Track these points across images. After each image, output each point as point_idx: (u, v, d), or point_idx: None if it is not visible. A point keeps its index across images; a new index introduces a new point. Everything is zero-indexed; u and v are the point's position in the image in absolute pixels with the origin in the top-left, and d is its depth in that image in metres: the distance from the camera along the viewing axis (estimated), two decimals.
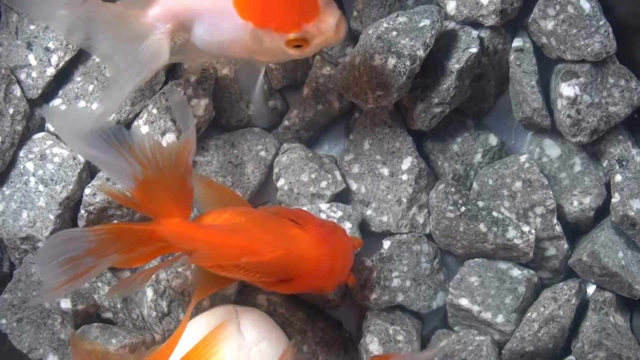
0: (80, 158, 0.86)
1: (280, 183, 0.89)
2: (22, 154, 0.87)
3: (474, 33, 0.87)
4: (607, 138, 0.88)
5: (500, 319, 0.86)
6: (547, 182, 0.87)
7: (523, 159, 0.89)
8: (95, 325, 0.84)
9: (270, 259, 0.72)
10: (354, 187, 0.90)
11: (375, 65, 0.83)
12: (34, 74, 0.87)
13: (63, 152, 0.86)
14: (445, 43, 0.86)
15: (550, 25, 0.86)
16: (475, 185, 0.90)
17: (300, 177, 0.88)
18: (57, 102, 0.88)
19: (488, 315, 0.86)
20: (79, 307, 0.84)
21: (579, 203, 0.89)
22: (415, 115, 0.87)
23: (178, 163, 0.68)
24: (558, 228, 0.88)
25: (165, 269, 0.84)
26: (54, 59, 0.87)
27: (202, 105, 0.87)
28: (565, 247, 0.88)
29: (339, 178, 0.89)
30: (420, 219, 0.89)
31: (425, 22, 0.83)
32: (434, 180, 0.91)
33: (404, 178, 0.88)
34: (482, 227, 0.85)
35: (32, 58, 0.87)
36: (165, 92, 0.85)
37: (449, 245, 0.89)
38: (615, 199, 0.87)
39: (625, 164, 0.88)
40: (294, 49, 0.73)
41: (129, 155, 0.66)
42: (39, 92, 0.87)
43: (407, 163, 0.88)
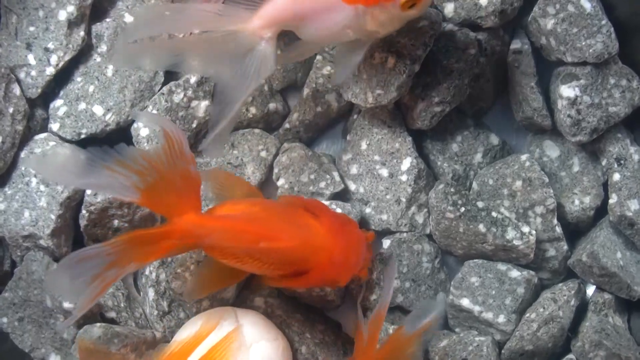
0: (82, 158, 0.86)
1: (281, 182, 0.89)
2: (23, 155, 0.87)
3: (472, 35, 0.86)
4: (605, 136, 0.88)
5: (502, 319, 0.86)
6: (547, 180, 0.87)
7: (524, 158, 0.88)
8: (98, 325, 0.83)
9: (287, 247, 0.72)
10: (353, 187, 0.90)
11: (375, 64, 0.83)
12: (34, 73, 0.87)
13: (65, 152, 0.86)
14: (444, 43, 0.86)
15: (550, 24, 0.85)
16: (475, 185, 0.90)
17: (300, 177, 0.88)
18: (58, 102, 0.88)
19: (489, 316, 0.86)
20: None
21: (580, 202, 0.89)
22: (416, 114, 0.87)
23: (173, 158, 0.68)
24: (558, 229, 0.88)
25: (165, 270, 0.85)
26: (54, 59, 0.87)
27: (202, 107, 0.87)
28: (565, 247, 0.88)
29: (337, 179, 0.89)
30: (420, 219, 0.89)
31: (424, 22, 0.83)
32: (434, 181, 0.91)
33: (403, 178, 0.88)
34: (481, 227, 0.85)
35: (31, 58, 0.87)
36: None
37: (449, 246, 0.89)
38: (613, 200, 0.87)
39: (624, 163, 0.88)
40: (411, 9, 0.73)
41: (123, 170, 0.65)
42: (39, 91, 0.87)
43: (406, 164, 0.88)
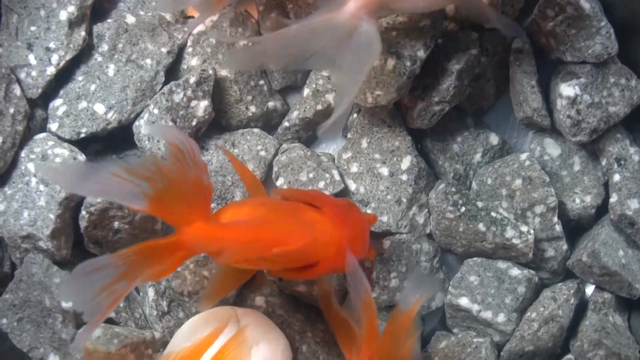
0: (81, 159, 0.86)
1: (280, 182, 0.89)
2: (23, 154, 0.87)
3: (474, 35, 0.87)
4: (605, 136, 0.89)
5: (502, 318, 0.86)
6: (548, 179, 0.88)
7: (524, 157, 0.89)
8: None
9: (298, 248, 0.72)
10: (353, 187, 0.90)
11: (375, 66, 0.83)
12: (34, 73, 0.87)
13: (64, 152, 0.86)
14: (445, 44, 0.87)
15: (550, 26, 0.86)
16: (474, 185, 0.90)
17: (299, 176, 0.88)
18: (58, 102, 0.88)
19: (488, 315, 0.86)
20: None
21: (581, 200, 0.89)
22: (415, 114, 0.87)
23: (185, 166, 0.67)
24: (558, 228, 0.88)
25: None
26: (54, 58, 0.87)
27: (201, 107, 0.87)
28: (564, 247, 0.88)
29: (337, 178, 0.89)
30: (421, 219, 0.90)
31: (425, 22, 0.83)
32: (434, 180, 0.91)
33: (404, 178, 0.88)
34: (481, 226, 0.85)
35: (32, 58, 0.87)
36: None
37: (449, 245, 0.89)
38: (613, 199, 0.87)
39: (624, 163, 0.88)
40: None
41: (131, 177, 0.64)
42: (39, 91, 0.87)
43: (406, 162, 0.88)
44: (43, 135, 0.88)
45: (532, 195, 0.88)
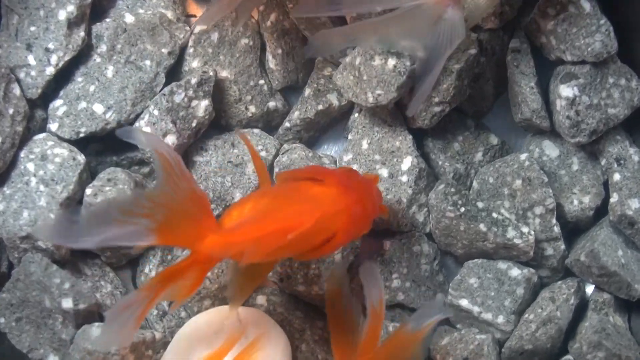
0: (81, 159, 0.86)
1: None
2: (23, 155, 0.87)
3: (473, 35, 0.87)
4: (605, 137, 0.89)
5: (501, 319, 0.86)
6: (547, 179, 0.88)
7: (523, 157, 0.89)
8: (97, 325, 0.83)
9: (311, 226, 0.71)
10: None
11: (375, 66, 0.84)
12: (33, 73, 0.87)
13: (64, 152, 0.86)
14: None
15: (550, 25, 0.86)
16: (476, 184, 0.90)
17: None
18: (57, 102, 0.88)
19: (489, 316, 0.86)
20: (81, 306, 0.84)
21: (579, 202, 0.89)
22: (416, 114, 0.87)
23: (175, 183, 0.66)
24: (556, 229, 0.88)
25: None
26: (54, 59, 0.87)
27: (202, 107, 0.87)
28: (562, 247, 0.89)
29: None
30: (420, 218, 0.89)
31: None
32: (434, 181, 0.91)
33: (404, 179, 0.88)
34: (482, 227, 0.85)
35: (31, 58, 0.87)
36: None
37: (450, 245, 0.89)
38: (614, 199, 0.87)
39: (624, 163, 0.88)
40: None
41: (130, 218, 0.63)
42: (39, 91, 0.87)
43: (407, 163, 0.88)
44: (43, 136, 0.88)
45: (531, 196, 0.88)
